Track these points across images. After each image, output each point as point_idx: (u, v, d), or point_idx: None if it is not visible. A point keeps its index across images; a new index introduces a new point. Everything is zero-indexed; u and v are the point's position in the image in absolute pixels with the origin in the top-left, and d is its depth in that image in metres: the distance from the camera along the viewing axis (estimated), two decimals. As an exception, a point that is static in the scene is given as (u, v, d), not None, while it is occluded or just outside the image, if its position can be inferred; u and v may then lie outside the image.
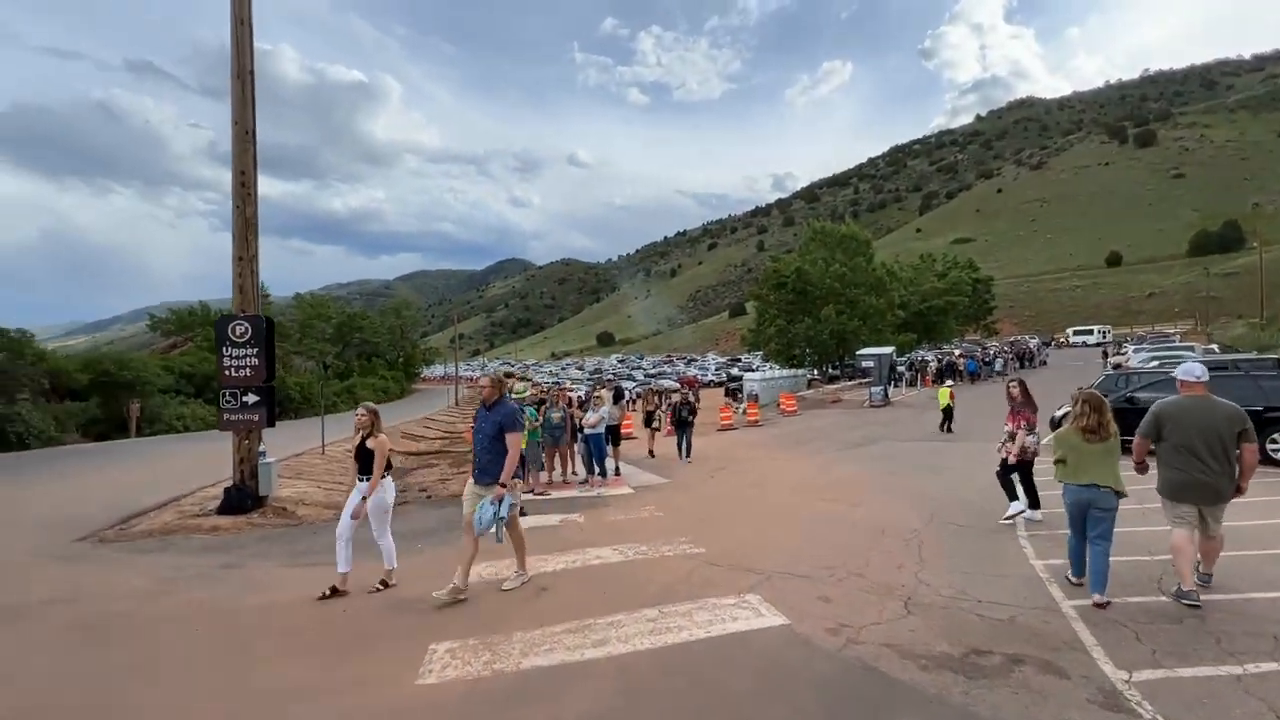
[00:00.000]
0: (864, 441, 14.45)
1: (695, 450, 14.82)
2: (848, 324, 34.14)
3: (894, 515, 7.09)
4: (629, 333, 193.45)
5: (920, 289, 48.55)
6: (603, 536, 6.47)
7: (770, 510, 7.67)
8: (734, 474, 10.79)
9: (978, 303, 58.95)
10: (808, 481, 9.55)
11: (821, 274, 35.82)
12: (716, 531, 6.66)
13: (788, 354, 36.77)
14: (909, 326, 43.66)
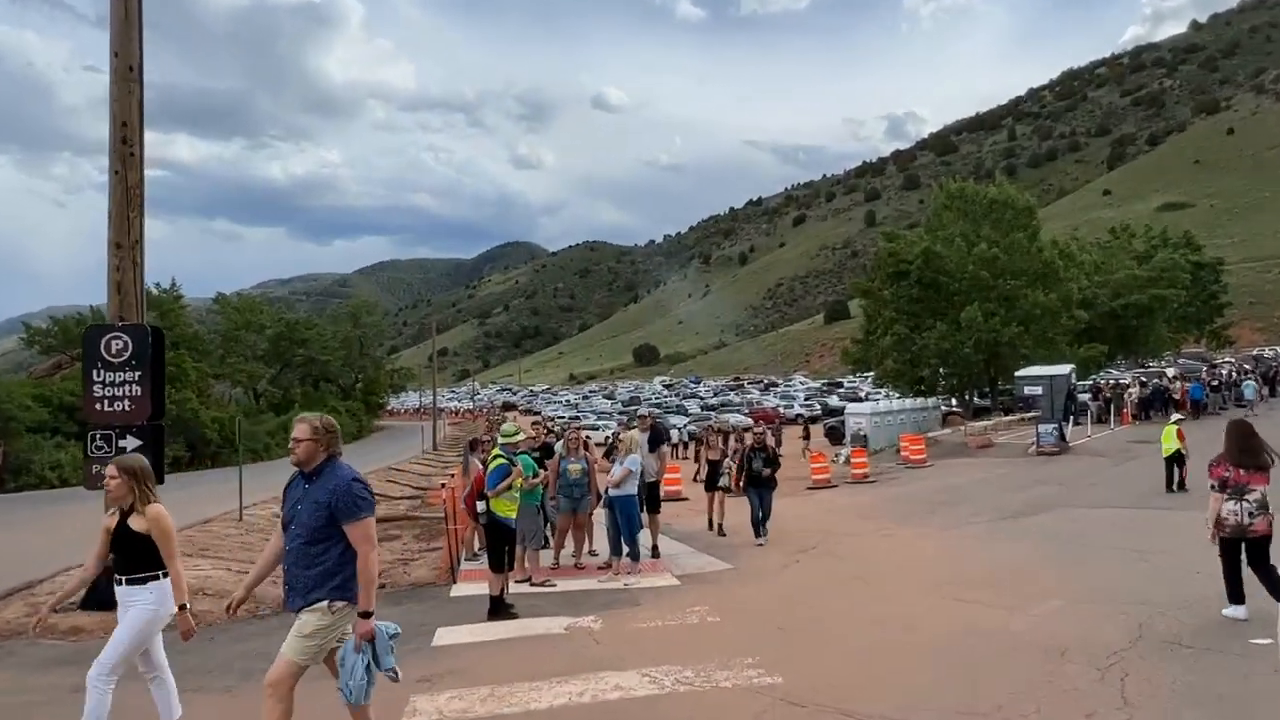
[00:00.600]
0: (1029, 509, 13.90)
1: (777, 520, 14.44)
2: (1001, 330, 33.27)
3: (1079, 628, 6.60)
4: (679, 346, 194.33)
5: (1112, 278, 47.14)
6: (628, 653, 6.19)
7: (882, 617, 7.27)
8: (828, 558, 10.40)
9: (1201, 298, 56.72)
10: (940, 571, 9.08)
11: (961, 257, 35.11)
12: (799, 650, 6.31)
13: (911, 375, 36.13)
14: (1095, 334, 42.26)
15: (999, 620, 7.01)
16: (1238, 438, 6.91)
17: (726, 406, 63.63)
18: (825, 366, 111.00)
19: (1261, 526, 6.62)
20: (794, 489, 20.97)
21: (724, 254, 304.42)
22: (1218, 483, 6.83)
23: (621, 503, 8.91)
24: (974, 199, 38.06)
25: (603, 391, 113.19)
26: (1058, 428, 23.30)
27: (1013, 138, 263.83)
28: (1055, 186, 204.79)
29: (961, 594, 7.90)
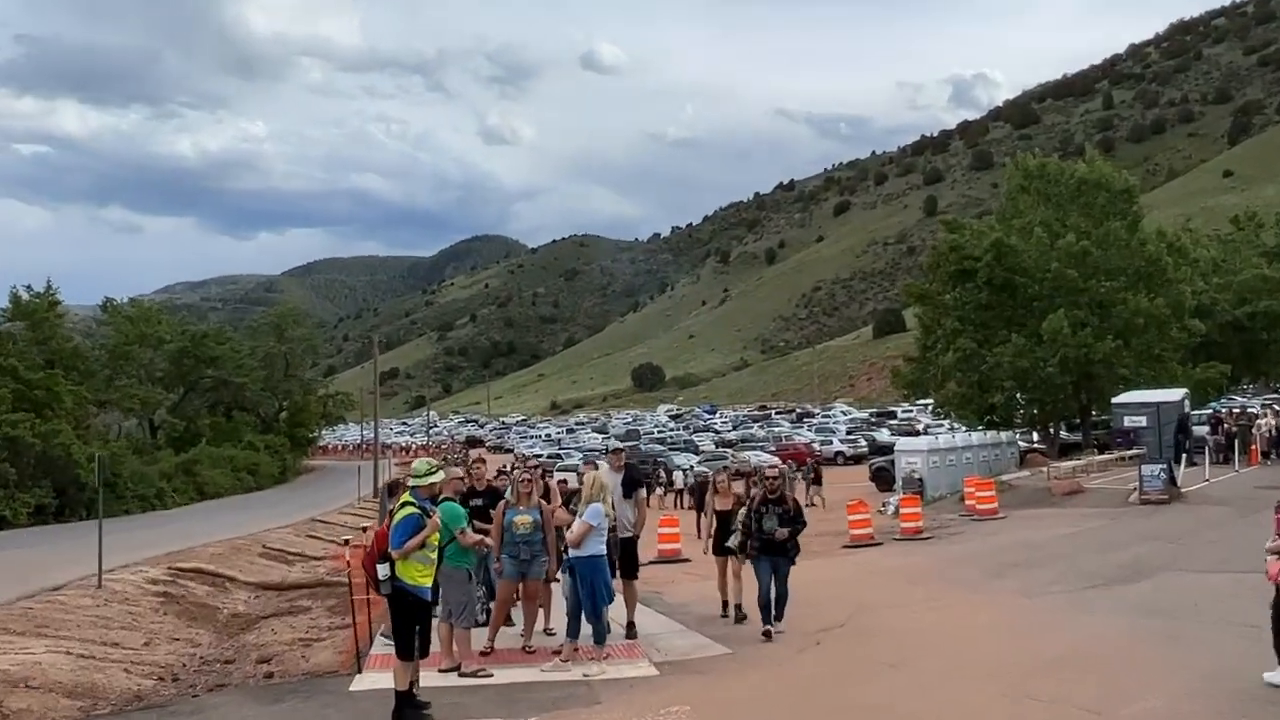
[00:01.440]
0: (1126, 574, 13.51)
1: (797, 586, 14.04)
2: (1094, 345, 32.97)
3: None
4: (690, 366, 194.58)
5: (1235, 279, 46.95)
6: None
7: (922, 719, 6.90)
8: (858, 637, 10.01)
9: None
10: (1002, 656, 8.70)
11: (1042, 252, 34.88)
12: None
13: (980, 402, 35.80)
14: (1214, 350, 41.91)
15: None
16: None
17: (748, 443, 63.32)
18: (874, 392, 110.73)
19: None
20: (828, 547, 20.70)
21: (747, 251, 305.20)
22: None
23: (583, 567, 8.52)
24: (1058, 179, 37.95)
25: (593, 424, 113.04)
26: (1166, 469, 22.91)
27: (1109, 106, 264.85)
28: (1164, 166, 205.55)
29: (1028, 688, 7.51)
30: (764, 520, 10.19)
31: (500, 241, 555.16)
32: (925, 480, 30.52)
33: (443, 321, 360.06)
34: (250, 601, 16.34)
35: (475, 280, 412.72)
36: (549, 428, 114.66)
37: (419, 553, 7.11)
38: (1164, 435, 27.22)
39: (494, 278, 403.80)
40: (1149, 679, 7.66)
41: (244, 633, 12.80)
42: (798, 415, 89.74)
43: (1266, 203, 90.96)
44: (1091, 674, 7.92)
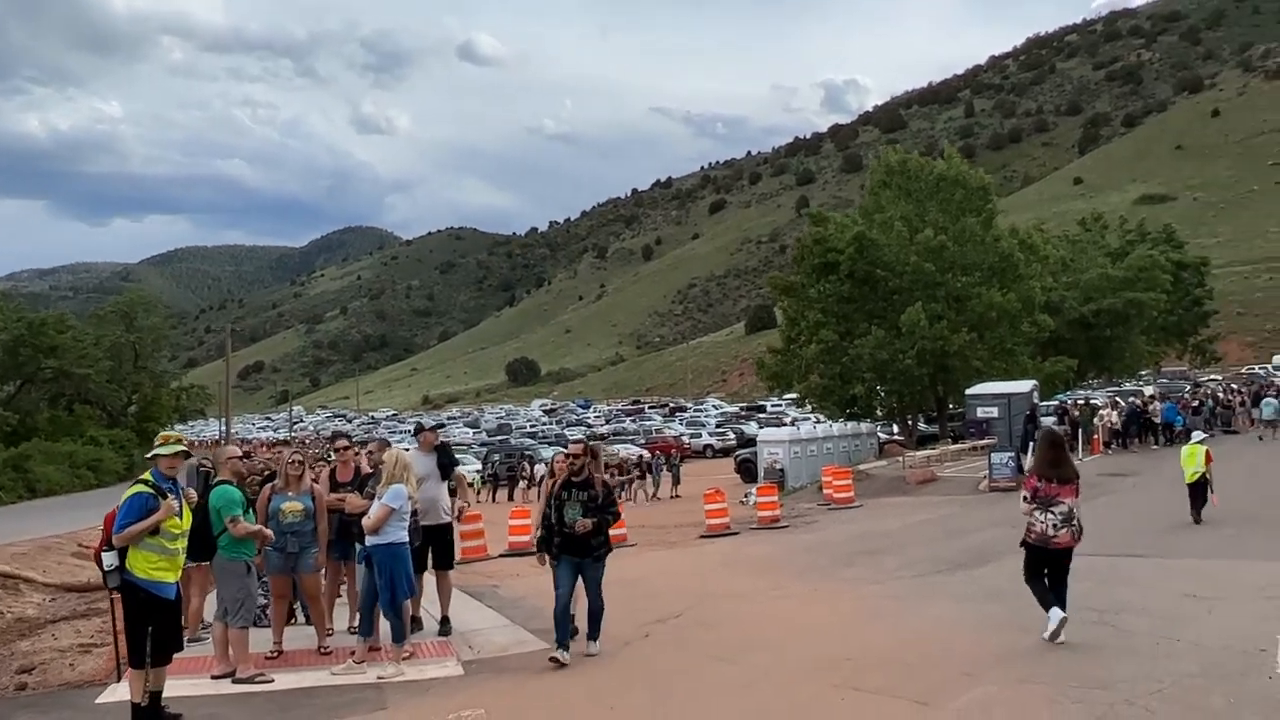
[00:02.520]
0: (972, 558, 13.44)
1: (641, 576, 13.41)
2: (950, 337, 33.59)
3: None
4: (566, 361, 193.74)
5: (1082, 278, 48.71)
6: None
7: (751, 717, 6.28)
8: (693, 630, 9.42)
9: (1183, 304, 59.55)
10: (839, 645, 8.25)
11: (902, 246, 35.36)
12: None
13: (841, 394, 36.09)
14: (1062, 345, 43.42)
15: (906, 717, 6.08)
16: (1048, 449, 8.56)
17: (620, 436, 63.13)
18: (746, 387, 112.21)
19: (1064, 540, 8.13)
20: (685, 538, 20.32)
21: (624, 246, 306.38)
22: (1029, 494, 8.36)
23: (382, 556, 7.59)
24: (918, 175, 38.61)
25: (465, 418, 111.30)
26: (1015, 458, 23.36)
27: (970, 113, 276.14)
28: (1020, 173, 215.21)
29: (861, 679, 7.00)
30: (565, 509, 8.07)
31: (374, 233, 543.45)
32: (787, 470, 30.59)
33: (312, 314, 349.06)
34: (45, 605, 14.77)
35: (347, 272, 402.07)
36: (426, 418, 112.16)
37: (152, 541, 6.07)
38: (1014, 425, 27.79)
39: (366, 269, 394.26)
40: (984, 666, 7.26)
41: (20, 639, 11.36)
42: (670, 410, 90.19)
43: (1112, 208, 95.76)
44: (928, 663, 7.47)
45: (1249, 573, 10.95)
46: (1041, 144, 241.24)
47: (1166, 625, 8.27)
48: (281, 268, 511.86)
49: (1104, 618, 8.76)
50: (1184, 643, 7.63)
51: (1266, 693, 6.16)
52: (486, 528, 20.60)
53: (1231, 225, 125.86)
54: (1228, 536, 14.24)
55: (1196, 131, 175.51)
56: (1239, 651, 7.21)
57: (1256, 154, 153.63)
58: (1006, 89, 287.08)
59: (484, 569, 16.89)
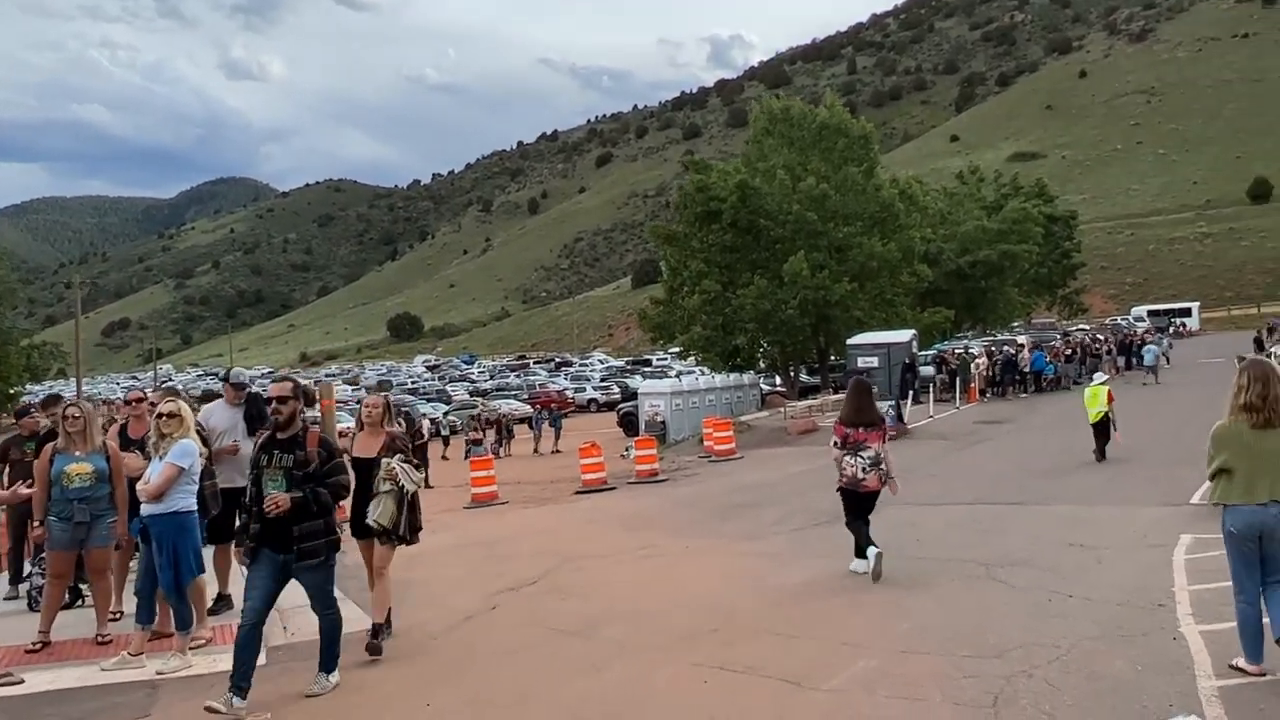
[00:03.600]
0: None
1: (504, 537, 12.43)
2: (831, 287, 33.29)
3: (900, 710, 5.10)
4: (450, 316, 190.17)
5: (959, 230, 49.22)
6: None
7: (583, 711, 5.32)
8: (547, 597, 8.47)
9: (1053, 257, 61.15)
10: (706, 614, 7.41)
11: (785, 194, 34.82)
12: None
13: (724, 345, 35.54)
14: (940, 296, 43.82)
15: (776, 701, 5.22)
16: (855, 397, 8.87)
17: (503, 391, 61.85)
18: (633, 342, 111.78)
19: (872, 483, 8.46)
20: (559, 494, 19.45)
21: (509, 200, 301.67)
22: (839, 440, 8.64)
23: (163, 527, 6.31)
24: (801, 123, 38.02)
25: (344, 375, 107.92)
26: (894, 406, 23.19)
27: (853, 70, 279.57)
28: (900, 130, 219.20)
29: (728, 654, 6.11)
30: (264, 479, 5.68)
31: (248, 184, 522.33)
32: (668, 423, 29.99)
33: (182, 268, 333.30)
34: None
35: (219, 225, 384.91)
36: (303, 376, 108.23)
37: None
38: (893, 375, 27.75)
39: (240, 222, 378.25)
40: (864, 632, 6.49)
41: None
42: (556, 364, 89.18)
43: (987, 165, 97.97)
44: (803, 631, 6.66)
45: (1129, 518, 10.59)
46: (920, 102, 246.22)
47: (1056, 579, 7.67)
48: (149, 220, 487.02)
49: (990, 572, 8.15)
50: (1076, 598, 7.02)
51: (1171, 655, 5.53)
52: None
53: (1095, 183, 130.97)
54: (1106, 480, 14.04)
55: (1065, 92, 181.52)
56: (1136, 608, 6.61)
57: (1120, 114, 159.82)
58: (887, 47, 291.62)
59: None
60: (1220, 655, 5.35)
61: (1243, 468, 5.03)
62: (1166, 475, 13.07)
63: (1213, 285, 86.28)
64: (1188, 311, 65.52)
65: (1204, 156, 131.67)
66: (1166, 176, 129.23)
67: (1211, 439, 5.24)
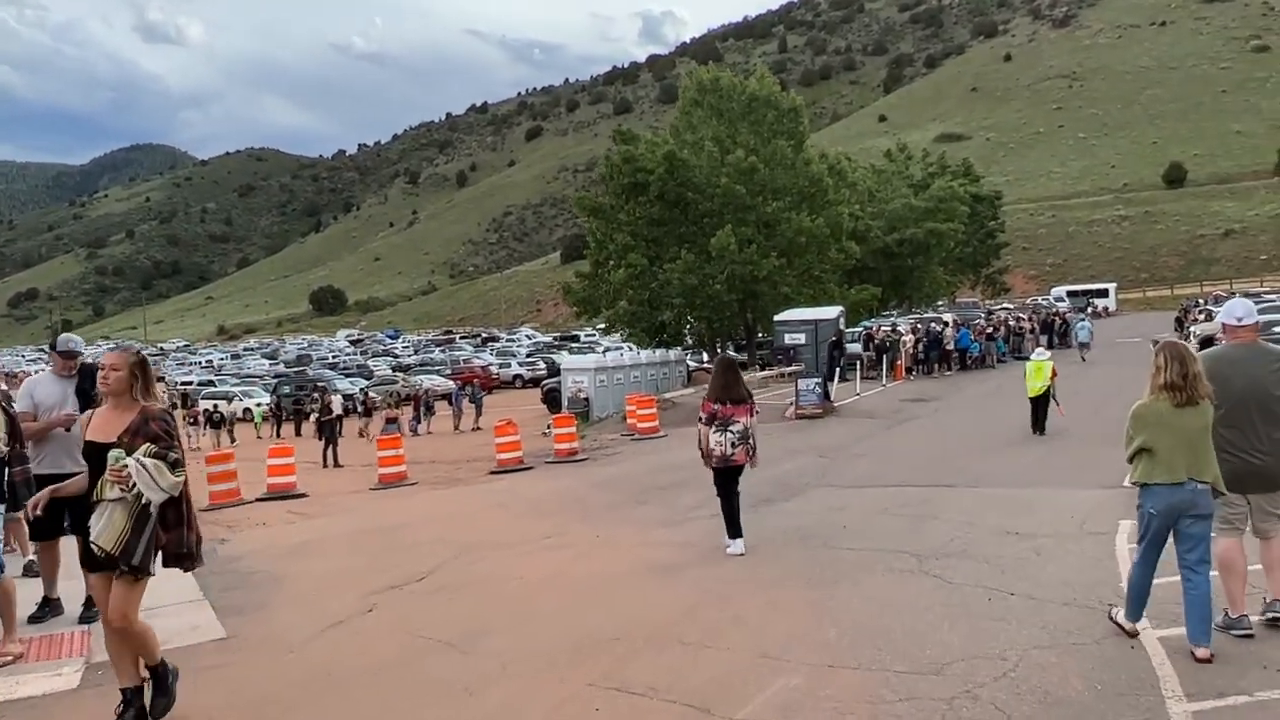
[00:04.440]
0: (777, 491, 12.24)
1: (404, 523, 11.43)
2: (760, 262, 32.68)
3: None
4: (375, 290, 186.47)
5: (887, 208, 49.15)
6: None
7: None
8: (432, 598, 7.53)
9: (979, 236, 61.62)
10: (611, 617, 6.59)
11: (713, 166, 34.04)
12: None
13: (650, 320, 34.76)
14: (867, 274, 43.66)
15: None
16: (721, 373, 8.90)
17: (426, 366, 60.52)
18: (561, 317, 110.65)
19: (740, 457, 8.63)
20: (474, 474, 18.55)
21: (437, 172, 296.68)
22: (706, 416, 8.67)
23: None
24: (730, 94, 37.20)
25: (263, 350, 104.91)
26: (821, 384, 22.63)
27: (784, 49, 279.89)
28: (829, 109, 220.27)
29: (627, 671, 5.26)
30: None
31: (165, 151, 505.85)
32: (592, 400, 29.28)
33: (94, 238, 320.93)
34: None
35: (134, 193, 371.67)
36: (213, 354, 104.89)
37: None
38: (820, 352, 27.32)
39: (157, 191, 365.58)
40: (785, 640, 5.69)
41: None
42: (483, 340, 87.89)
43: (914, 145, 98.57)
44: (715, 638, 5.84)
45: (1065, 502, 10.03)
46: (850, 82, 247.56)
47: (994, 573, 6.99)
48: (59, 187, 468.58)
49: (924, 564, 7.44)
50: (1019, 596, 6.34)
51: (1132, 669, 4.86)
52: (246, 467, 18.26)
53: (1018, 165, 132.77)
54: (1038, 459, 13.57)
55: (990, 75, 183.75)
56: (1085, 608, 5.94)
57: (1043, 98, 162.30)
58: (818, 26, 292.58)
59: (230, 516, 14.53)
60: (1188, 671, 4.68)
61: (1164, 445, 5.11)
62: (1099, 455, 12.59)
63: (1129, 267, 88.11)
64: (1105, 292, 66.67)
65: (1122, 141, 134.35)
66: (1086, 160, 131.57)
67: (1131, 418, 5.33)
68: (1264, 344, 5.79)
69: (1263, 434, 5.30)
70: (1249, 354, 5.52)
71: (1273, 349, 5.67)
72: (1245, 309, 5.69)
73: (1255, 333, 5.72)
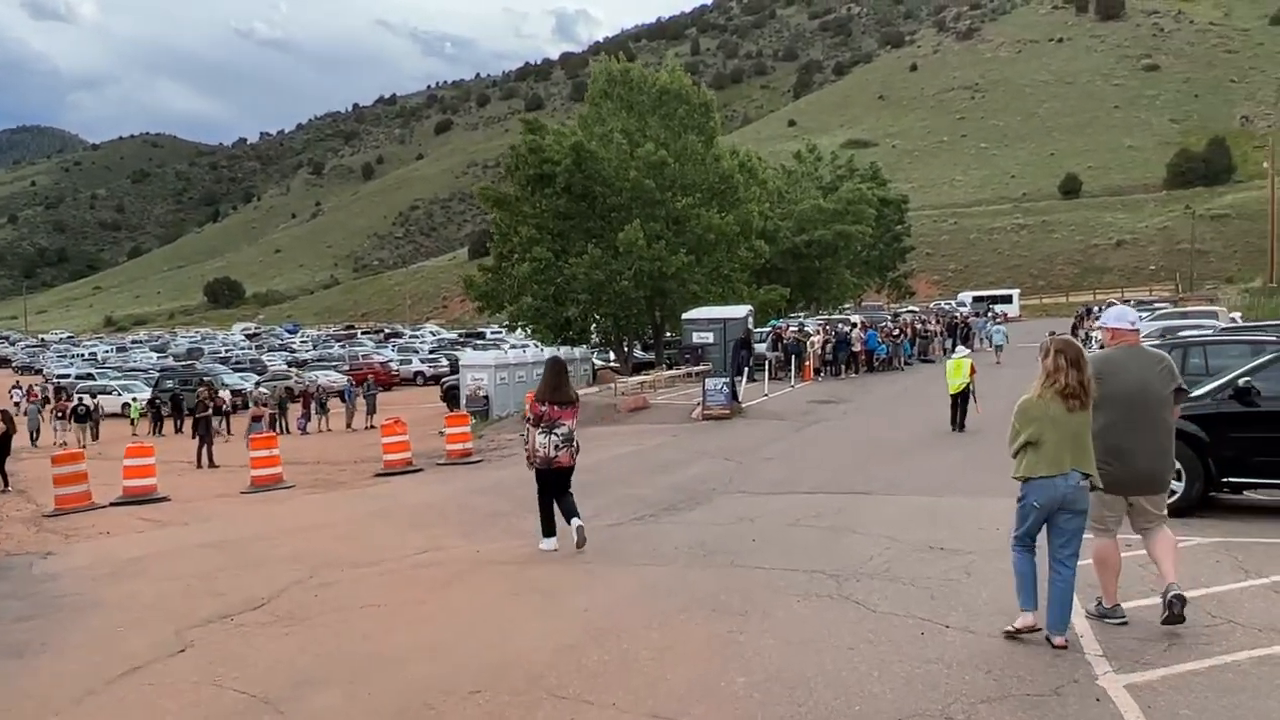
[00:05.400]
0: (682, 498, 11.41)
1: (262, 534, 10.13)
2: (668, 259, 31.82)
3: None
4: (275, 283, 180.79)
5: (796, 209, 48.95)
6: None
7: None
8: (261, 635, 6.31)
9: (885, 239, 62.05)
10: (478, 664, 5.54)
11: (622, 160, 33.06)
12: None
13: (556, 316, 33.58)
14: (775, 275, 43.29)
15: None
16: (550, 375, 8.82)
17: (324, 362, 58.15)
18: (467, 314, 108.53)
19: (565, 459, 8.54)
20: (358, 477, 17.25)
21: (343, 164, 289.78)
22: (533, 418, 8.72)
23: None
24: (640, 86, 36.33)
25: (152, 342, 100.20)
26: (729, 384, 21.90)
27: (696, 52, 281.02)
28: (740, 113, 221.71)
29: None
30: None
31: (53, 134, 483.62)
32: (491, 398, 28.11)
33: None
34: None
35: (18, 176, 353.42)
36: (98, 346, 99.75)
37: None
38: (729, 351, 26.71)
39: (43, 174, 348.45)
40: (683, 695, 4.66)
41: None
42: (385, 335, 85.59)
43: (823, 149, 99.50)
44: (598, 692, 4.77)
45: (987, 512, 9.23)
46: (760, 86, 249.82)
47: (923, 599, 6.11)
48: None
49: (843, 587, 6.51)
50: (954, 629, 5.47)
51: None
52: (111, 467, 16.57)
53: (922, 173, 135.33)
54: (953, 465, 12.97)
55: (897, 84, 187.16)
56: (1033, 645, 5.09)
57: (947, 108, 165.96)
58: (730, 30, 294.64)
59: (73, 523, 13.02)
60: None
61: (1050, 440, 5.16)
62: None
63: (1027, 274, 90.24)
64: (1009, 298, 67.83)
65: (1021, 152, 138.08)
66: (987, 170, 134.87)
67: (1018, 413, 5.35)
68: (1147, 348, 6.20)
69: (1149, 436, 5.47)
70: (1136, 356, 5.73)
71: (1156, 352, 6.02)
72: (1132, 314, 6.17)
73: (1138, 337, 6.06)
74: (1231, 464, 8.77)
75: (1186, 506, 8.85)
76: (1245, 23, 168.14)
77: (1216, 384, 9.14)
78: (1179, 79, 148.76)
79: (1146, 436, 5.45)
